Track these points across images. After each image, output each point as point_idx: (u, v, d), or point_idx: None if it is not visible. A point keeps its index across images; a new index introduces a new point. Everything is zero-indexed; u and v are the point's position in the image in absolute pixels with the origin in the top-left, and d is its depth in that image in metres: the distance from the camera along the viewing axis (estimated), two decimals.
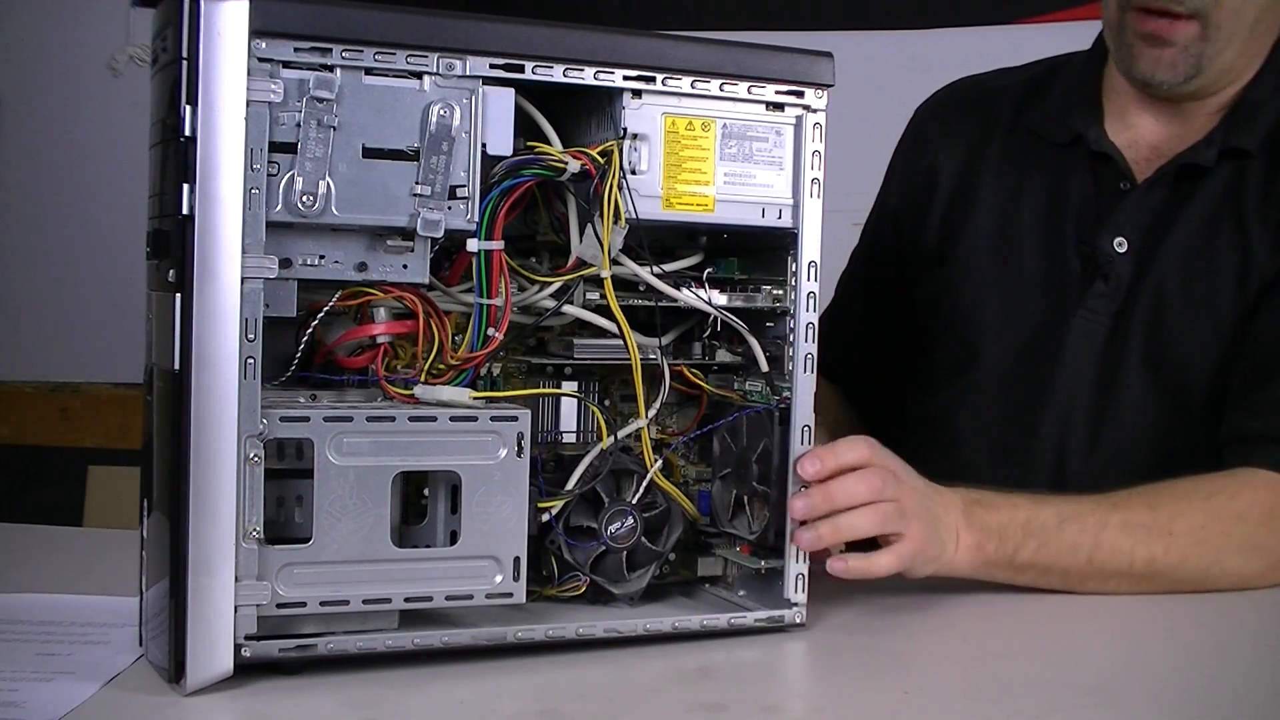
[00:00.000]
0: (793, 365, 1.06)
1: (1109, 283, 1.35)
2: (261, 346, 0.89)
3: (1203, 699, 0.97)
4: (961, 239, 1.45)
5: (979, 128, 1.48)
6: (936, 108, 1.55)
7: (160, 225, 0.91)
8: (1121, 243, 1.35)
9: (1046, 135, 1.43)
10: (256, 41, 0.89)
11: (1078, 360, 1.36)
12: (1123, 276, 1.35)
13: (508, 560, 0.97)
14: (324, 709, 0.89)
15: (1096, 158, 1.39)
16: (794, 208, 1.06)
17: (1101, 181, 1.38)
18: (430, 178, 0.94)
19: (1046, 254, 1.40)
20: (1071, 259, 1.38)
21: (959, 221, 1.46)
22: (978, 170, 1.46)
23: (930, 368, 1.48)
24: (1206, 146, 1.34)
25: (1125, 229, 1.35)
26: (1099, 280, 1.35)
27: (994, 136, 1.47)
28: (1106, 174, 1.38)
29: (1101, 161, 1.38)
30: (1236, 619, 1.16)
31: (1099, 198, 1.38)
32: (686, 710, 0.90)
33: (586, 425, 1.10)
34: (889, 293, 1.52)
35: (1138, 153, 1.38)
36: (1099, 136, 1.38)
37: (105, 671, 0.93)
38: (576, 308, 1.05)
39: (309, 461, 0.93)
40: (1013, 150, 1.45)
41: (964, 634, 1.09)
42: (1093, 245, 1.36)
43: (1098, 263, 1.36)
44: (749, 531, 1.08)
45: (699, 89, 1.02)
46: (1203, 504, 1.18)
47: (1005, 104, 1.48)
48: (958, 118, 1.51)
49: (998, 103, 1.49)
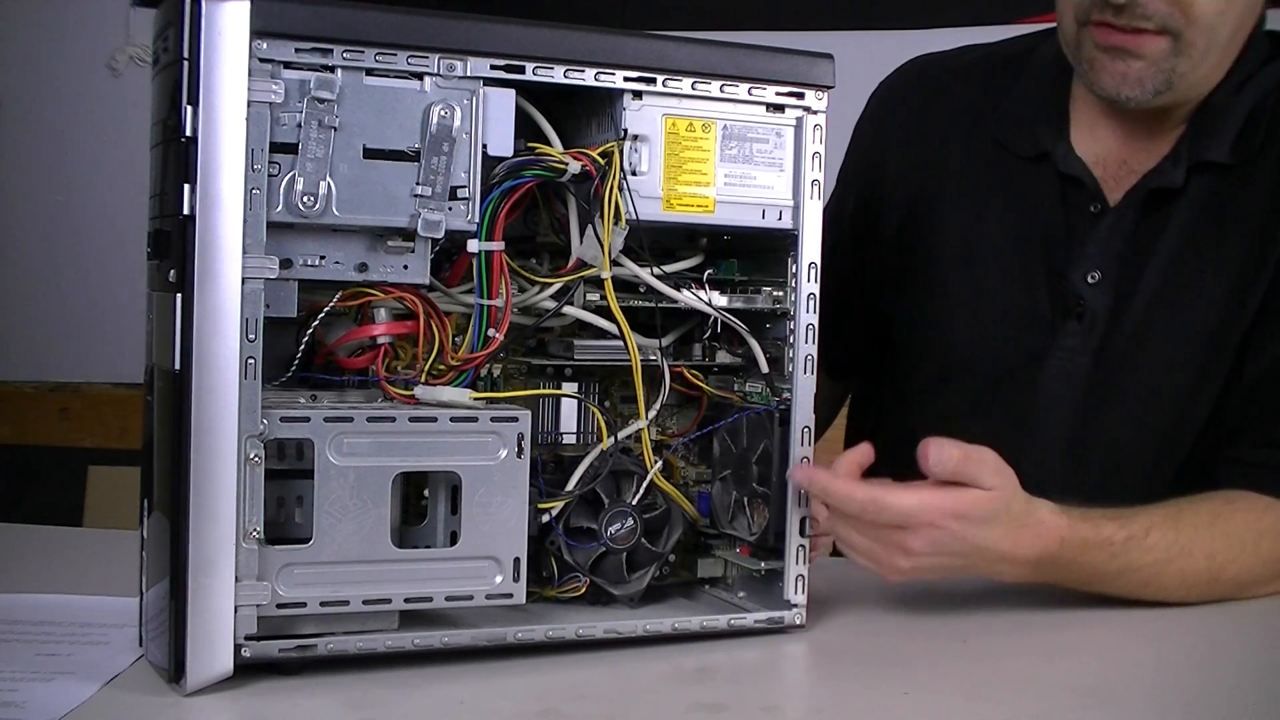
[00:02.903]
0: (793, 366, 1.06)
1: (1082, 322, 1.29)
2: (262, 347, 0.89)
3: (1202, 700, 0.97)
4: (925, 257, 1.38)
5: (937, 124, 1.40)
6: (891, 96, 1.46)
7: (161, 225, 0.91)
8: (1095, 275, 1.29)
9: (1012, 148, 1.34)
10: (257, 42, 0.89)
11: (1054, 400, 1.31)
12: (1098, 311, 1.29)
13: (508, 561, 0.98)
14: (324, 709, 0.89)
15: (1065, 179, 1.31)
16: (794, 209, 1.06)
17: (1071, 204, 1.31)
18: (431, 178, 0.94)
19: (1017, 285, 1.33)
20: (1041, 295, 1.31)
21: (920, 236, 1.39)
22: (937, 178, 1.38)
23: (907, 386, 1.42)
24: (1174, 165, 1.27)
25: (1099, 260, 1.29)
26: (1072, 320, 1.30)
27: (952, 138, 1.39)
28: (1076, 197, 1.31)
29: (1070, 183, 1.31)
30: (1235, 621, 1.16)
31: (1069, 222, 1.31)
32: (686, 710, 0.90)
33: (587, 426, 1.10)
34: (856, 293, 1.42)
35: (1106, 170, 1.31)
36: (1066, 154, 1.31)
37: (105, 672, 0.93)
38: (577, 309, 1.05)
39: (309, 462, 0.93)
40: (975, 160, 1.37)
41: (964, 634, 1.09)
42: (1064, 279, 1.30)
43: (1068, 301, 1.30)
44: (749, 533, 1.08)
45: (699, 90, 1.02)
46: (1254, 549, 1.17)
47: (966, 93, 1.40)
48: (915, 110, 1.42)
49: (957, 92, 1.40)
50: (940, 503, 1.02)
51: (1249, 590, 1.18)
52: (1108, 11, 1.19)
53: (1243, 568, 1.17)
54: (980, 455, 1.04)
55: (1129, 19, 1.19)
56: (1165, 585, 1.14)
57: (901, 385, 1.43)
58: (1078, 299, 1.30)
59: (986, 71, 1.41)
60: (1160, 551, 1.12)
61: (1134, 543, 1.11)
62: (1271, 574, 1.19)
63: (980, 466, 1.03)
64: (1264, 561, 1.18)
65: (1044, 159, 1.33)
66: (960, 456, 1.02)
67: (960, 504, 1.03)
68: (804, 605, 1.07)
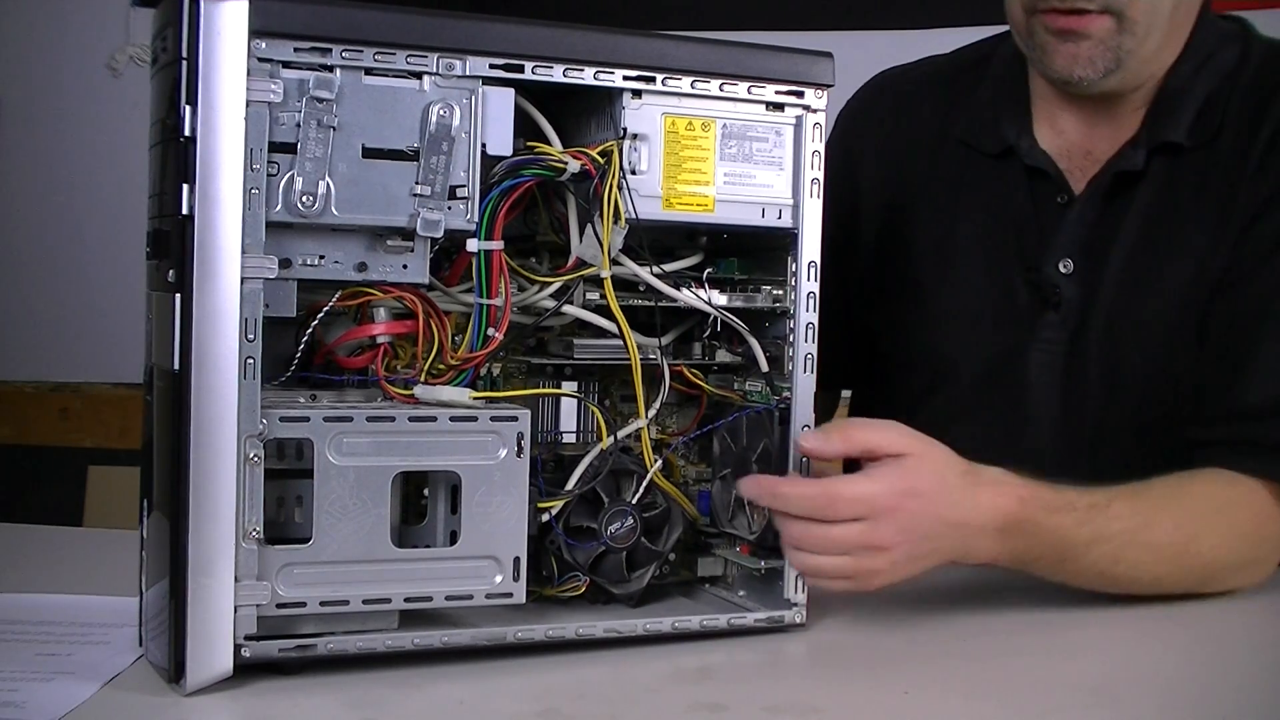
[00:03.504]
0: (792, 365, 1.06)
1: (1059, 312, 1.30)
2: (261, 346, 0.89)
3: (1202, 699, 0.97)
4: (902, 266, 1.39)
5: (906, 136, 1.42)
6: (859, 114, 1.47)
7: (160, 225, 0.91)
8: (1067, 264, 1.30)
9: (978, 147, 1.37)
10: (256, 41, 0.89)
11: (1041, 393, 1.31)
12: (1072, 301, 1.30)
13: (507, 560, 0.97)
14: (324, 709, 0.89)
15: (1031, 172, 1.33)
16: (794, 208, 1.06)
17: (1039, 197, 1.33)
18: (430, 178, 0.94)
19: (993, 282, 1.34)
20: (1019, 288, 1.32)
21: (896, 247, 1.40)
22: (909, 187, 1.40)
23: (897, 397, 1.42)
24: (1134, 148, 1.29)
25: (1069, 249, 1.30)
26: (1050, 311, 1.31)
27: (921, 146, 1.40)
28: (1043, 189, 1.33)
29: (1036, 175, 1.33)
30: (1235, 620, 1.16)
31: (1038, 215, 1.32)
32: (686, 710, 0.90)
33: (586, 425, 1.10)
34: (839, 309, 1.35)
35: (1070, 161, 1.32)
36: (1030, 147, 1.33)
37: (105, 671, 0.93)
38: (576, 308, 1.05)
39: (309, 461, 0.93)
40: (944, 164, 1.39)
41: (965, 633, 1.09)
42: (1038, 271, 1.31)
43: (1045, 292, 1.31)
44: (749, 532, 1.08)
45: (699, 89, 1.02)
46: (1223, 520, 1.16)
47: (930, 102, 1.42)
48: (883, 125, 1.44)
49: (923, 101, 1.42)
50: (892, 482, 1.02)
51: (1227, 576, 1.17)
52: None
53: (1214, 543, 1.16)
54: (876, 425, 1.04)
55: (1072, 1, 1.22)
56: (1137, 560, 1.13)
57: (892, 396, 1.43)
58: (1054, 289, 1.31)
59: (949, 78, 1.43)
60: (1127, 520, 1.12)
61: (1098, 510, 1.10)
62: (1245, 552, 1.18)
63: (882, 431, 1.04)
64: (1235, 534, 1.17)
65: (1009, 155, 1.34)
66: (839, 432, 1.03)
67: (908, 479, 1.02)
68: (804, 604, 1.07)
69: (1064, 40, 1.24)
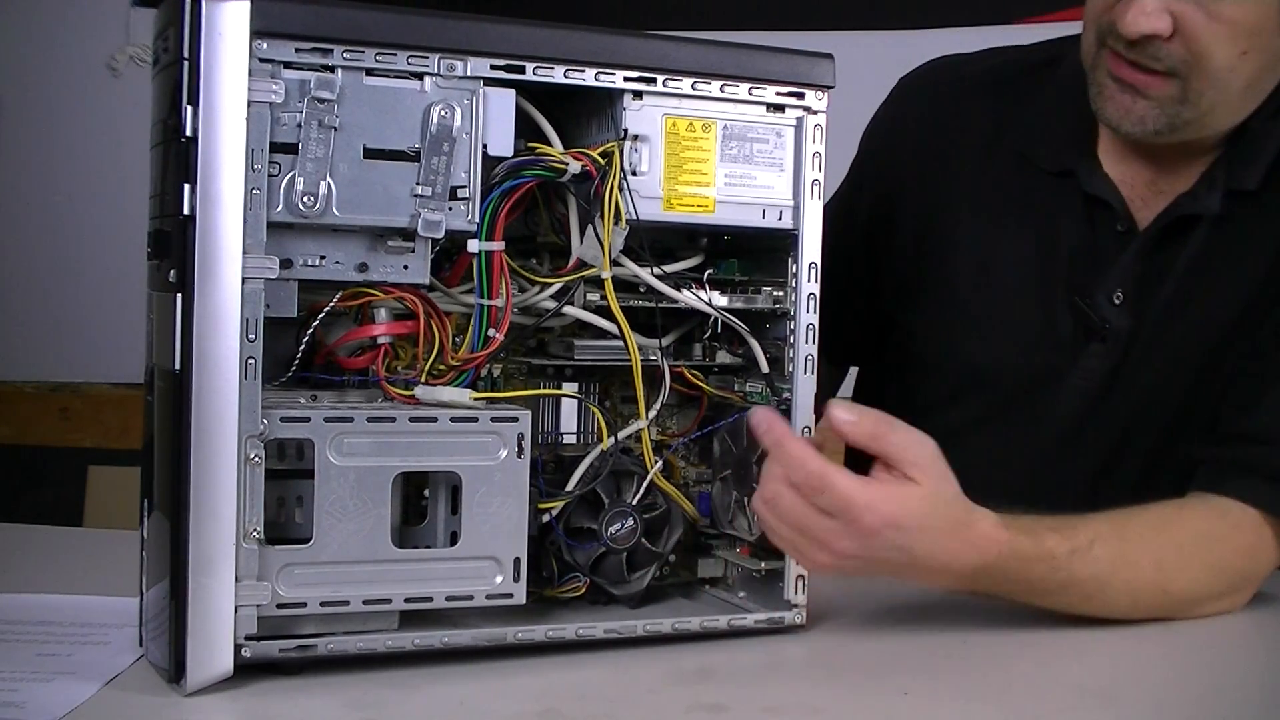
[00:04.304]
0: (793, 366, 1.06)
1: (1105, 343, 1.27)
2: (262, 347, 0.90)
3: (1202, 700, 0.97)
4: (940, 270, 1.35)
5: (957, 131, 1.36)
6: (911, 95, 1.42)
7: (161, 225, 0.91)
8: (1119, 296, 1.26)
9: (1035, 160, 1.31)
10: (258, 42, 0.89)
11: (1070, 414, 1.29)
12: (1119, 333, 1.26)
13: (508, 561, 0.98)
14: (324, 709, 0.89)
15: (1091, 200, 1.27)
16: (794, 209, 1.06)
17: (1097, 224, 1.28)
18: (431, 178, 0.94)
19: (1035, 303, 1.30)
20: (1062, 314, 1.29)
21: (936, 248, 1.35)
22: (955, 188, 1.35)
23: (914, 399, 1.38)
24: (1208, 190, 1.24)
25: (1122, 281, 1.26)
26: (1095, 341, 1.27)
27: (972, 148, 1.35)
28: (1103, 216, 1.27)
29: (1096, 204, 1.27)
30: (1233, 623, 1.16)
31: (1095, 245, 1.28)
32: (686, 711, 0.90)
33: (587, 426, 1.10)
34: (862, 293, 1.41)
35: (1134, 190, 1.27)
36: (1091, 173, 1.27)
37: (105, 672, 0.93)
38: (577, 309, 1.05)
39: (309, 462, 0.93)
40: (995, 171, 1.33)
41: (964, 634, 1.09)
42: (1089, 301, 1.27)
43: (1093, 323, 1.27)
44: (749, 533, 1.08)
45: (700, 90, 1.02)
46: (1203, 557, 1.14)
47: (984, 103, 1.36)
48: (934, 114, 1.39)
49: (979, 98, 1.36)
50: (882, 508, 0.98)
51: (1201, 607, 1.15)
52: (1120, 43, 1.17)
53: (1192, 578, 1.13)
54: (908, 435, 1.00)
55: (1139, 55, 1.16)
56: (1111, 600, 1.10)
57: (908, 397, 1.38)
58: (1104, 321, 1.27)
59: (1010, 78, 1.37)
60: (1105, 564, 1.09)
61: (1078, 556, 1.07)
62: (1222, 586, 1.16)
63: (909, 450, 1.00)
64: (1213, 571, 1.15)
65: (1068, 175, 1.29)
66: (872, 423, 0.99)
67: (898, 510, 0.98)
68: (804, 605, 1.07)
69: (1122, 90, 1.19)
